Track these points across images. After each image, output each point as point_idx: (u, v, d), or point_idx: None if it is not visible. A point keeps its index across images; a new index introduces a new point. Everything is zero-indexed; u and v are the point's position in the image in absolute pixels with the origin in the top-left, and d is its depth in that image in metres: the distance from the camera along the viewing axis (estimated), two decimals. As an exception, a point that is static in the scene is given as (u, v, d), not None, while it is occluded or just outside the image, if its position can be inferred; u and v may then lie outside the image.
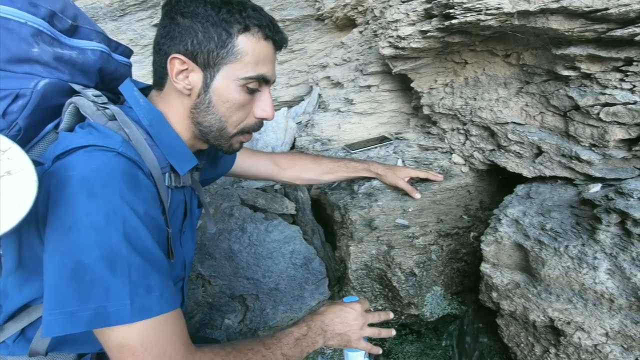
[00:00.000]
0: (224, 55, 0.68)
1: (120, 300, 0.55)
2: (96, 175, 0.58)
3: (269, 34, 0.70)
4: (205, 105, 0.72)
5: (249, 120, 0.76)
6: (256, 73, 0.70)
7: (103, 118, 0.67)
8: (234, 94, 0.71)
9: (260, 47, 0.70)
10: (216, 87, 0.70)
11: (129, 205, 0.59)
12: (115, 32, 1.94)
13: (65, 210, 0.57)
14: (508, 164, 1.19)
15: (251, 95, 0.73)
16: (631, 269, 0.73)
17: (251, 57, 0.69)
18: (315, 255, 1.45)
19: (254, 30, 0.68)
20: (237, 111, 0.73)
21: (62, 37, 0.68)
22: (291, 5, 1.88)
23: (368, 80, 1.69)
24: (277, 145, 1.81)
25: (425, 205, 1.30)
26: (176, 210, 0.80)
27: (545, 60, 1.07)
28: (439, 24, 1.13)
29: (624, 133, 0.91)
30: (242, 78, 0.70)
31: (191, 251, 0.92)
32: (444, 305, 1.15)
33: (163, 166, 0.73)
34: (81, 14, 0.75)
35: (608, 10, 0.82)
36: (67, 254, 0.56)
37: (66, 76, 0.69)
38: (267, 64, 0.72)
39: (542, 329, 0.85)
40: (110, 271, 0.55)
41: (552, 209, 0.96)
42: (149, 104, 0.73)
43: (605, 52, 0.89)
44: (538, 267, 0.87)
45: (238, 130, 0.76)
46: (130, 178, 0.61)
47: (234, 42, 0.68)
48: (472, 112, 1.30)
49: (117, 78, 0.79)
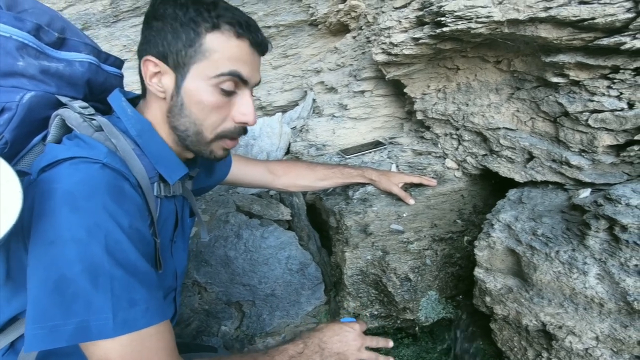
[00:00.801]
0: (192, 54, 0.67)
1: (103, 314, 0.55)
2: (79, 188, 0.58)
3: (240, 32, 0.67)
4: (178, 107, 0.70)
5: (226, 124, 0.73)
6: (227, 69, 0.67)
7: (89, 129, 0.67)
8: (206, 95, 0.69)
9: (232, 45, 0.67)
10: (187, 87, 0.69)
11: (113, 217, 0.58)
12: (109, 38, 1.93)
13: (48, 224, 0.57)
14: (500, 168, 1.21)
15: (227, 97, 0.70)
16: (619, 274, 0.74)
17: (221, 55, 0.67)
18: (311, 261, 1.46)
19: (224, 28, 0.67)
20: (211, 113, 0.71)
21: (48, 50, 0.69)
22: (284, 11, 1.89)
23: (362, 85, 1.70)
24: (272, 151, 1.81)
25: (419, 210, 1.31)
26: (166, 220, 0.79)
27: (535, 67, 1.09)
28: (431, 31, 1.14)
29: (612, 139, 0.93)
30: (212, 77, 0.67)
31: (183, 261, 0.91)
32: (438, 309, 1.17)
33: (152, 176, 0.72)
34: (69, 26, 0.75)
35: (595, 20, 0.83)
36: (50, 268, 0.55)
37: (52, 88, 0.69)
38: (241, 63, 0.69)
39: (535, 333, 0.86)
40: (93, 285, 0.55)
41: (543, 214, 0.98)
42: (137, 113, 0.73)
43: (592, 60, 0.91)
44: (530, 272, 0.88)
45: (215, 135, 0.73)
46: (114, 190, 0.61)
47: (202, 41, 0.66)
48: (465, 117, 1.32)
49: (107, 89, 0.79)
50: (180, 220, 0.86)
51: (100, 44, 1.92)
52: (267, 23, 1.90)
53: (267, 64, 2.08)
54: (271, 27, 1.92)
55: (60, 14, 0.75)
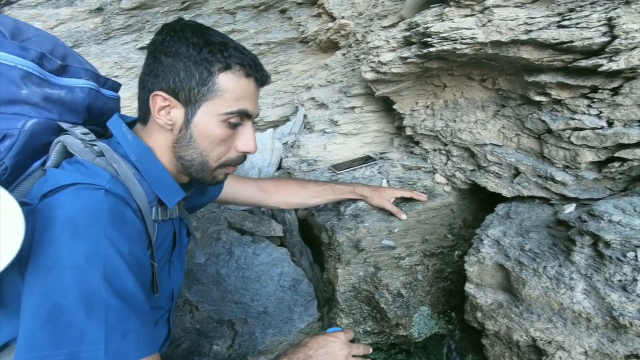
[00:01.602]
0: (204, 92, 0.71)
1: (95, 344, 0.54)
2: (81, 215, 0.58)
3: (250, 72, 0.73)
4: (187, 140, 0.74)
5: (230, 154, 0.78)
6: (237, 108, 0.73)
7: (91, 155, 0.68)
8: (215, 129, 0.73)
9: (241, 84, 0.73)
10: (197, 122, 0.73)
11: (113, 244, 0.59)
12: (100, 56, 1.94)
13: (48, 251, 0.57)
14: (488, 184, 1.23)
15: (233, 129, 0.75)
16: (605, 289, 0.76)
17: (232, 94, 0.72)
18: (303, 277, 1.45)
19: (235, 68, 0.72)
20: (219, 146, 0.75)
21: (51, 77, 0.70)
22: (275, 29, 1.92)
23: (352, 101, 1.73)
24: (264, 166, 1.82)
25: (410, 225, 1.32)
26: (163, 242, 0.80)
27: (519, 85, 1.13)
28: (418, 50, 1.18)
29: (593, 156, 0.96)
30: (222, 113, 0.72)
31: (179, 280, 0.92)
32: (431, 325, 1.17)
33: (151, 200, 0.74)
34: (70, 52, 0.77)
35: (573, 43, 0.87)
36: (46, 295, 0.55)
37: (54, 115, 0.70)
38: (248, 99, 0.74)
39: (525, 348, 0.87)
40: (87, 314, 0.54)
41: (530, 229, 1.00)
42: (137, 139, 0.75)
43: (572, 80, 0.94)
44: (519, 287, 0.90)
45: (220, 163, 0.78)
46: (116, 216, 0.61)
47: (215, 80, 0.71)
48: (453, 133, 1.35)
49: (106, 113, 0.81)
50: (178, 240, 0.87)
51: (92, 61, 1.92)
52: (258, 40, 1.93)
53: (259, 80, 2.10)
54: (262, 45, 1.95)
55: (61, 41, 0.76)
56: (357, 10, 1.69)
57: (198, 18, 1.79)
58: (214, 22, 1.83)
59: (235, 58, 0.71)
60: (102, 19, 1.78)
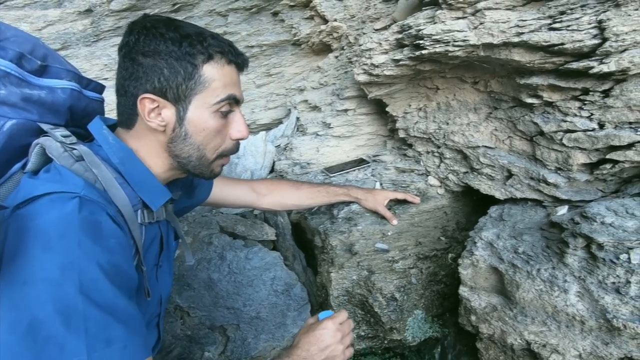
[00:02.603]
0: (192, 86, 0.70)
1: (77, 356, 0.52)
2: (53, 226, 0.57)
3: (231, 59, 0.73)
4: (182, 137, 0.73)
5: (226, 144, 0.78)
6: (226, 94, 0.72)
7: (70, 160, 0.66)
8: (209, 121, 0.73)
9: (225, 72, 0.72)
10: (191, 118, 0.72)
11: (88, 255, 0.57)
12: (89, 58, 1.91)
13: (21, 264, 0.55)
14: (481, 186, 1.23)
15: (225, 119, 0.75)
16: (598, 291, 0.76)
17: (218, 82, 0.71)
18: (296, 281, 1.43)
19: (217, 57, 0.71)
20: (215, 137, 0.75)
21: (30, 78, 0.68)
22: (268, 31, 1.91)
23: (345, 104, 1.72)
24: (256, 169, 1.80)
25: (403, 228, 1.32)
26: (151, 245, 0.78)
27: (511, 88, 1.13)
28: (410, 53, 1.17)
29: (585, 158, 0.96)
30: (214, 104, 0.72)
31: (168, 285, 0.90)
32: (425, 328, 1.16)
33: (135, 204, 0.72)
34: (52, 53, 0.75)
35: (564, 45, 0.87)
36: (22, 309, 0.53)
37: (34, 116, 0.68)
38: (234, 86, 0.74)
39: (520, 352, 0.87)
40: (65, 326, 0.53)
41: (523, 231, 1.00)
42: (119, 141, 0.73)
43: (564, 82, 0.95)
44: (513, 290, 0.89)
45: (217, 154, 0.77)
46: (90, 226, 0.59)
47: (200, 72, 0.70)
48: (445, 135, 1.35)
49: (89, 114, 0.78)
50: (166, 243, 0.85)
51: (81, 63, 1.90)
52: (251, 43, 1.92)
53: (251, 82, 2.09)
54: (254, 47, 1.94)
55: (41, 41, 0.74)
56: (350, 13, 1.69)
57: (189, 20, 1.77)
58: (206, 25, 1.81)
59: (215, 47, 0.70)
60: (91, 20, 1.75)
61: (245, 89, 2.12)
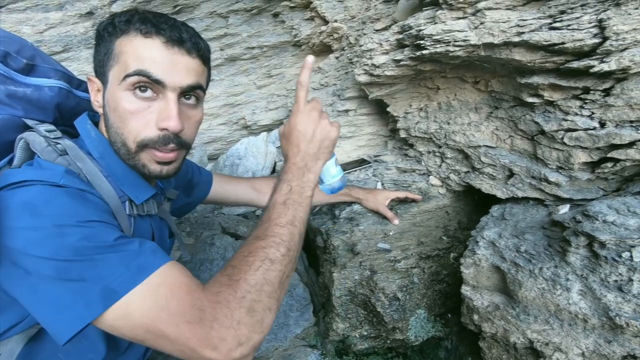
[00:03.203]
0: (106, 61, 0.67)
1: (117, 272, 0.54)
2: (37, 197, 0.56)
3: (147, 30, 0.63)
4: (106, 119, 0.70)
5: (148, 132, 0.66)
6: (133, 69, 0.63)
7: (53, 154, 0.65)
8: (121, 101, 0.65)
9: (138, 45, 0.64)
10: (107, 96, 0.68)
11: (78, 215, 0.56)
12: (91, 60, 1.91)
13: (12, 238, 0.54)
14: (483, 185, 1.23)
15: (146, 102, 0.66)
16: (601, 289, 0.76)
17: (128, 56, 0.64)
18: (298, 281, 1.44)
19: (131, 30, 0.65)
20: (129, 120, 0.66)
21: (16, 76, 0.70)
22: (268, 32, 1.91)
23: (346, 105, 1.72)
24: (258, 170, 1.81)
25: (405, 227, 1.32)
26: None
27: (512, 87, 1.13)
28: (411, 53, 1.18)
29: (586, 156, 0.96)
30: (121, 78, 0.64)
31: None
32: (428, 328, 1.16)
33: (121, 195, 0.71)
34: (40, 54, 0.76)
35: (564, 44, 0.87)
36: (38, 270, 0.53)
37: (19, 112, 0.69)
38: (151, 62, 0.64)
39: (523, 350, 0.87)
40: (89, 261, 0.53)
41: (525, 230, 1.00)
42: (100, 136, 0.72)
43: (564, 81, 0.95)
44: (515, 289, 0.89)
45: (137, 143, 0.67)
46: (76, 194, 0.59)
47: (113, 46, 0.65)
48: (446, 135, 1.35)
49: (79, 113, 0.78)
50: (159, 241, 0.84)
51: (82, 66, 1.91)
52: (251, 44, 1.93)
53: (252, 83, 2.09)
54: (255, 48, 1.94)
55: (31, 43, 0.75)
56: (350, 14, 1.69)
57: (190, 22, 1.78)
58: (207, 26, 1.82)
59: (134, 24, 0.64)
60: (92, 23, 1.76)
61: (246, 90, 2.12)
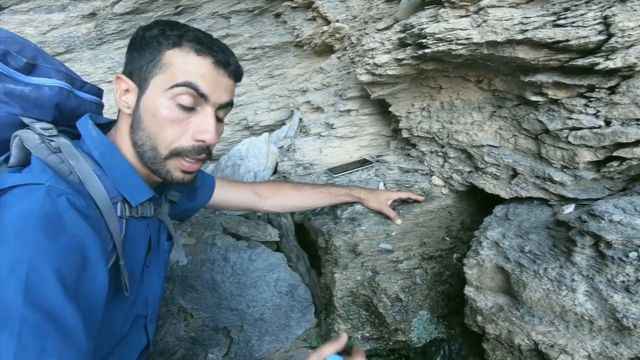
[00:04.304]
0: (151, 68, 0.69)
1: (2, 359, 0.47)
2: (12, 221, 0.55)
3: (200, 49, 0.69)
4: (137, 121, 0.71)
5: (183, 141, 0.71)
6: (182, 80, 0.67)
7: (46, 151, 0.65)
8: (161, 108, 0.69)
9: (189, 60, 0.69)
10: (144, 101, 0.70)
11: (42, 254, 0.53)
12: (93, 61, 1.92)
13: None
14: (486, 185, 1.22)
15: (186, 113, 0.70)
16: (607, 290, 0.74)
17: (177, 68, 0.68)
18: (300, 282, 1.43)
19: (185, 45, 0.69)
20: (166, 128, 0.69)
21: (15, 74, 0.70)
22: (270, 33, 1.91)
23: (348, 104, 1.72)
24: (259, 171, 1.80)
25: (408, 228, 1.31)
26: (136, 242, 0.77)
27: (515, 86, 1.12)
28: (413, 52, 1.17)
29: (592, 155, 0.95)
30: (167, 88, 0.68)
31: (157, 287, 0.87)
32: (430, 329, 1.15)
33: (114, 196, 0.71)
34: (43, 55, 0.76)
35: (569, 42, 0.86)
36: None
37: (17, 110, 0.69)
38: (200, 77, 0.69)
39: (528, 352, 0.85)
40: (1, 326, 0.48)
41: (529, 230, 0.98)
42: (102, 135, 0.73)
43: (569, 79, 0.94)
44: (520, 290, 0.88)
45: (170, 151, 0.71)
46: (51, 222, 0.56)
47: (161, 56, 0.69)
48: (449, 135, 1.34)
49: (81, 114, 0.78)
50: (155, 244, 0.83)
51: (85, 67, 1.91)
52: (253, 45, 1.93)
53: (254, 84, 2.09)
54: (257, 49, 1.94)
55: (35, 45, 0.75)
56: (352, 14, 1.69)
57: (192, 23, 1.78)
58: (209, 27, 1.82)
59: (187, 37, 0.69)
60: (95, 24, 1.77)
61: (248, 91, 2.12)
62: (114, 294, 0.70)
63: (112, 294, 0.69)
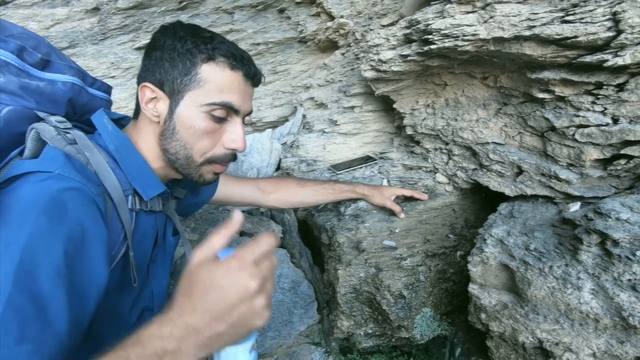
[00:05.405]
0: (187, 82, 0.71)
1: None
2: (17, 202, 0.55)
3: (235, 65, 0.72)
4: (170, 131, 0.74)
5: (216, 150, 0.76)
6: (220, 100, 0.72)
7: (62, 142, 0.66)
8: (197, 121, 0.72)
9: (225, 76, 0.72)
10: (180, 113, 0.73)
11: (40, 237, 0.52)
12: (96, 56, 1.92)
13: None
14: (490, 183, 1.21)
15: (219, 124, 0.74)
16: (613, 289, 0.74)
17: (214, 85, 0.71)
18: (303, 279, 1.43)
19: (219, 59, 0.71)
20: (202, 139, 0.74)
21: (30, 69, 0.70)
22: (274, 29, 1.90)
23: (351, 101, 1.71)
24: (263, 167, 1.80)
25: (411, 225, 1.30)
26: (144, 235, 0.78)
27: (521, 83, 1.11)
28: (419, 48, 1.16)
29: (598, 153, 0.94)
30: (204, 104, 0.71)
31: (162, 282, 0.87)
32: (433, 326, 1.15)
33: (126, 189, 0.72)
34: (56, 51, 0.77)
35: (577, 38, 0.85)
36: None
37: (32, 104, 0.69)
38: (234, 93, 0.73)
39: (532, 350, 0.85)
40: None
41: (534, 228, 0.98)
42: (117, 130, 0.75)
43: (576, 76, 0.93)
44: (524, 288, 0.88)
45: (205, 159, 0.76)
46: (55, 208, 0.55)
47: (197, 70, 0.71)
48: (454, 132, 1.33)
49: (92, 110, 0.80)
50: (162, 239, 0.84)
51: (88, 62, 1.91)
52: (257, 40, 1.92)
53: (257, 80, 2.08)
54: (260, 45, 1.93)
55: (48, 41, 0.76)
56: (356, 9, 1.68)
57: (196, 18, 1.78)
58: (212, 22, 1.81)
59: (220, 50, 0.71)
60: (98, 18, 1.76)
61: (251, 87, 2.12)
62: (122, 284, 0.70)
63: (120, 285, 0.70)
